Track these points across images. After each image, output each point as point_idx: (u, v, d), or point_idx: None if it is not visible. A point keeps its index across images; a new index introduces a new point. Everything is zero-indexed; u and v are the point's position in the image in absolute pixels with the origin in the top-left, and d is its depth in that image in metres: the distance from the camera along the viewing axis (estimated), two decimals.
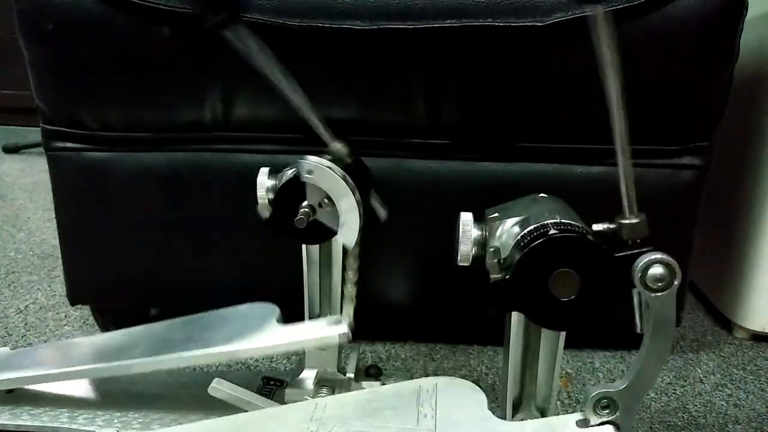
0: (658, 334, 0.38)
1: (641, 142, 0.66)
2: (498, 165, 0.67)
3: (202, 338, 0.54)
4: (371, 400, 0.47)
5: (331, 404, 0.47)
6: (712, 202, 0.71)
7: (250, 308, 0.58)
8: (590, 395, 0.40)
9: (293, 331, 0.53)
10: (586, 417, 0.40)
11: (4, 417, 0.56)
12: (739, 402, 0.70)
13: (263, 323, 0.54)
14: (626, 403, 0.40)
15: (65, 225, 0.74)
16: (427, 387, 0.47)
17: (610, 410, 0.40)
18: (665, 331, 0.38)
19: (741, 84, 0.70)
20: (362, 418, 0.44)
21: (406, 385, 0.48)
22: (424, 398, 0.46)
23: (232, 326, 0.55)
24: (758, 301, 0.81)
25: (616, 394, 0.40)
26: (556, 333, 0.45)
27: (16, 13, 0.65)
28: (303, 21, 0.60)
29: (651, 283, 0.37)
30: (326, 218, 0.52)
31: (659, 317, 0.38)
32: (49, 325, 0.84)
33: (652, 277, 0.37)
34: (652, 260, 0.37)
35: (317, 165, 0.50)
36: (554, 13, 0.59)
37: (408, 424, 0.43)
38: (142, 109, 0.68)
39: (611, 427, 0.40)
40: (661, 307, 0.38)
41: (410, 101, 0.65)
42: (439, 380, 0.48)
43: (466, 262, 0.45)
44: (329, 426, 0.44)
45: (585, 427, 0.40)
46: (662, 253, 0.37)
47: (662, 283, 0.37)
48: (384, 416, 0.44)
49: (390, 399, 0.46)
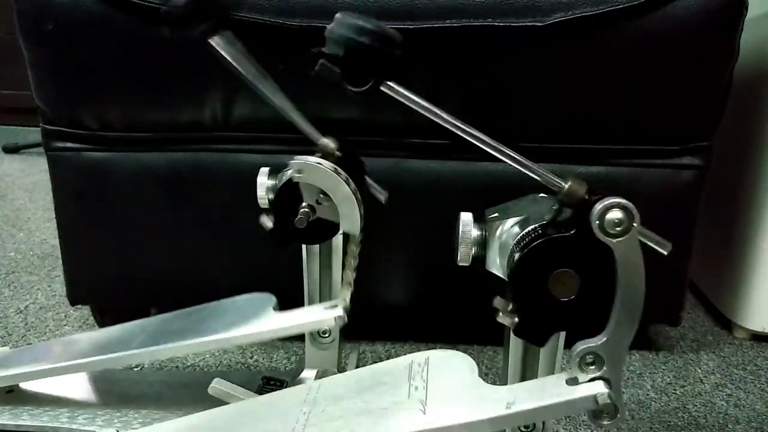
0: (628, 281, 0.38)
1: (641, 142, 0.66)
2: (498, 165, 0.67)
3: (199, 329, 0.54)
4: (363, 378, 0.47)
5: (325, 385, 0.47)
6: (712, 202, 0.71)
7: (246, 298, 0.58)
8: (574, 353, 0.40)
9: (289, 317, 0.54)
10: (575, 375, 0.40)
11: (4, 417, 0.56)
12: (739, 402, 0.70)
13: (259, 311, 0.54)
14: (611, 356, 0.40)
15: (65, 225, 0.74)
16: (419, 361, 0.47)
17: (596, 366, 0.40)
18: (635, 277, 0.38)
19: (741, 84, 0.70)
20: (354, 396, 0.44)
21: (399, 361, 0.48)
22: (416, 372, 0.46)
23: (229, 316, 0.56)
24: (758, 301, 0.81)
25: (599, 348, 0.40)
26: (556, 333, 0.45)
27: (16, 13, 0.65)
28: (303, 21, 0.60)
29: (610, 229, 0.36)
30: (327, 213, 0.52)
31: (626, 263, 0.37)
32: (49, 325, 0.84)
33: (609, 222, 0.36)
34: (605, 206, 0.36)
35: (305, 163, 0.51)
36: (554, 13, 0.59)
37: (399, 397, 0.43)
38: (142, 109, 0.68)
39: (601, 382, 0.40)
40: (626, 252, 0.37)
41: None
42: (431, 354, 0.48)
43: (466, 262, 0.45)
44: (322, 405, 0.44)
45: (575, 385, 0.40)
46: (613, 196, 0.36)
47: (621, 227, 0.36)
48: (376, 392, 0.44)
49: (382, 375, 0.46)
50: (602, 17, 0.59)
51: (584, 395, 0.40)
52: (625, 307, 0.39)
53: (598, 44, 0.61)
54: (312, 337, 0.59)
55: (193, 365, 0.74)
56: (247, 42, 0.62)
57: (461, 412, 0.40)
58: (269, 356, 0.77)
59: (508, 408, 0.39)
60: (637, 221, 0.36)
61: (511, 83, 0.64)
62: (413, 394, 0.43)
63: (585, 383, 0.40)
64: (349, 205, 0.52)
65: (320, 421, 0.42)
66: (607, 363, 0.40)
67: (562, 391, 0.40)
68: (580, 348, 0.40)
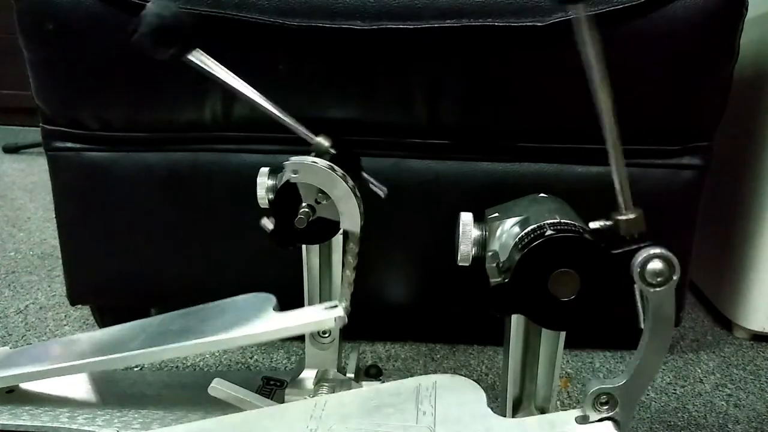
0: (657, 330, 0.38)
1: (641, 142, 0.66)
2: (498, 165, 0.67)
3: (200, 329, 0.54)
4: (371, 398, 0.47)
5: (331, 402, 0.47)
6: (712, 202, 0.71)
7: (246, 298, 0.58)
8: (589, 391, 0.40)
9: (289, 317, 0.54)
10: (586, 413, 0.40)
11: (4, 417, 0.56)
12: (739, 402, 0.70)
13: (260, 312, 0.54)
14: (625, 399, 0.40)
15: (65, 225, 0.74)
16: (427, 385, 0.47)
17: (609, 406, 0.40)
18: (664, 327, 0.38)
19: (741, 84, 0.70)
20: (362, 416, 0.44)
21: (406, 383, 0.48)
22: (424, 396, 0.46)
23: (229, 316, 0.56)
24: (758, 301, 0.81)
25: (615, 390, 0.40)
26: (556, 333, 0.45)
27: (16, 13, 0.65)
28: (303, 21, 0.60)
29: (650, 278, 0.37)
30: (327, 212, 0.52)
31: (658, 312, 0.38)
32: (49, 325, 0.84)
33: (651, 271, 0.37)
34: (650, 255, 0.36)
35: (301, 163, 0.51)
36: (554, 13, 0.59)
37: (407, 422, 0.43)
38: (142, 109, 0.68)
39: (611, 423, 0.40)
40: (660, 302, 0.37)
41: (410, 101, 0.65)
42: (438, 378, 0.48)
43: (466, 262, 0.45)
44: (329, 424, 0.44)
45: (584, 423, 0.40)
46: (661, 247, 0.36)
47: (661, 277, 0.37)
48: (383, 414, 0.44)
49: (389, 397, 0.46)
50: (602, 17, 0.59)
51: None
52: (649, 354, 0.39)
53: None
54: (312, 337, 0.59)
55: (193, 365, 0.74)
56: (247, 42, 0.62)
57: None
58: (269, 356, 0.77)
59: None
60: (677, 274, 0.36)
61: (510, 83, 0.64)
62: (421, 419, 0.43)
63: (595, 422, 0.40)
64: (347, 202, 0.52)
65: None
66: (620, 405, 0.40)
67: (571, 430, 0.40)
68: (597, 387, 0.40)
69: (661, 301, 0.37)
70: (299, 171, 0.51)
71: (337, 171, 0.51)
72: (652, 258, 0.36)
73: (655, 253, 0.36)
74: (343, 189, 0.51)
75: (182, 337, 0.53)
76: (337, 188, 0.51)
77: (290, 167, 0.51)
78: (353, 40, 0.61)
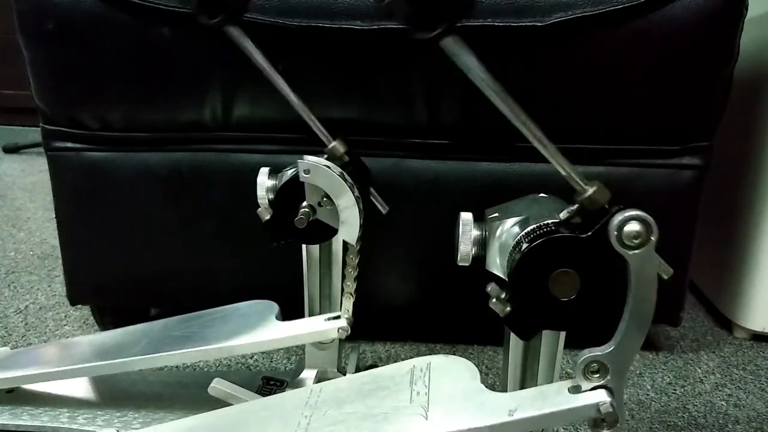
0: (640, 293, 0.38)
1: (641, 142, 0.66)
2: (498, 165, 0.67)
3: (202, 335, 0.54)
4: (366, 383, 0.47)
5: (327, 389, 0.47)
6: (712, 202, 0.71)
7: (249, 306, 0.58)
8: (579, 360, 0.40)
9: (292, 327, 0.54)
10: (578, 383, 0.40)
11: (4, 417, 0.56)
12: (739, 402, 0.70)
13: (262, 320, 0.55)
14: (616, 366, 0.40)
15: (65, 225, 0.74)
16: (421, 366, 0.47)
17: (600, 374, 0.40)
18: (648, 290, 0.38)
19: (741, 84, 0.70)
20: (356, 400, 0.44)
21: (400, 366, 0.48)
22: (418, 377, 0.46)
23: (232, 323, 0.56)
24: (758, 301, 0.81)
25: (604, 357, 0.40)
26: (556, 333, 0.45)
27: (16, 13, 0.65)
28: (303, 21, 0.60)
29: (627, 241, 0.36)
30: (327, 217, 0.52)
31: (640, 275, 0.37)
32: (49, 325, 0.84)
33: (628, 234, 0.36)
34: (626, 217, 0.36)
35: (315, 165, 0.51)
36: (554, 13, 0.59)
37: (401, 402, 0.43)
38: (142, 109, 0.68)
39: (604, 390, 0.40)
40: (641, 265, 0.37)
41: (410, 101, 0.65)
42: (433, 359, 0.48)
43: (466, 262, 0.45)
44: (324, 409, 0.44)
45: (578, 393, 0.40)
46: (634, 209, 0.36)
47: (639, 239, 0.36)
48: (378, 397, 0.44)
49: (384, 380, 0.46)
50: (602, 17, 0.59)
51: (587, 404, 0.39)
52: (634, 318, 0.38)
53: (597, 44, 0.61)
54: None
55: (193, 365, 0.74)
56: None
57: (463, 418, 0.40)
58: (269, 356, 0.77)
59: (510, 415, 0.39)
60: (655, 235, 0.36)
61: (510, 83, 0.64)
62: (415, 399, 0.43)
63: (588, 391, 0.40)
64: (350, 213, 0.52)
65: (321, 424, 0.42)
66: (611, 372, 0.40)
67: (565, 399, 0.40)
68: (586, 356, 0.40)
69: (642, 264, 0.37)
70: (311, 171, 0.51)
71: (347, 180, 0.51)
72: (628, 220, 0.36)
73: (630, 215, 0.36)
74: (349, 199, 0.51)
75: (185, 343, 0.54)
76: (343, 197, 0.51)
77: (303, 166, 0.51)
78: (353, 40, 0.61)
